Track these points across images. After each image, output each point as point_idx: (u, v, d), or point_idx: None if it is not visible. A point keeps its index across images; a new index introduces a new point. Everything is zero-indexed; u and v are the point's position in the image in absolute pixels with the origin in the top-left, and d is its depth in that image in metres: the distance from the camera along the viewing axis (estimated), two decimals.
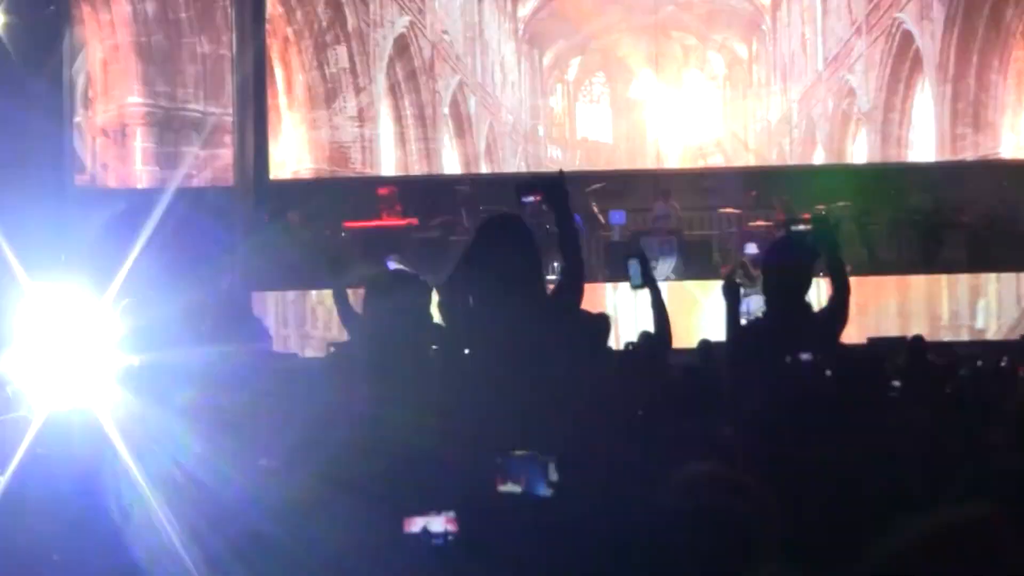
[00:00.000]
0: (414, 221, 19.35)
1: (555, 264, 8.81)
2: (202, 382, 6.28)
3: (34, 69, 18.87)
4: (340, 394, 5.48)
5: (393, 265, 17.84)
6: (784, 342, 5.97)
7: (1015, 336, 17.68)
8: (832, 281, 6.39)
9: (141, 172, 20.19)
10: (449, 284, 5.25)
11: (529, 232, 5.12)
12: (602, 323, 6.54)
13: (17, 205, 18.32)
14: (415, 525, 4.26)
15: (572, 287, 5.23)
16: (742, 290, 6.72)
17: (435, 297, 5.37)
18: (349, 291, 6.79)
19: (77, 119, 19.86)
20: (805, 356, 5.92)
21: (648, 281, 6.32)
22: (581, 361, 5.34)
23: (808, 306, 6.36)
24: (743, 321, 6.56)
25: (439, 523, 4.20)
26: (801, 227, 6.49)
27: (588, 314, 5.70)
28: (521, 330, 5.02)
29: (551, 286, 5.36)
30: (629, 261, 6.35)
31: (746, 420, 5.66)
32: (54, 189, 19.08)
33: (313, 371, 8.86)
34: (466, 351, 5.23)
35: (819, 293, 7.27)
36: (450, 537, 4.20)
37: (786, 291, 6.30)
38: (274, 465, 5.15)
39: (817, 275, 6.74)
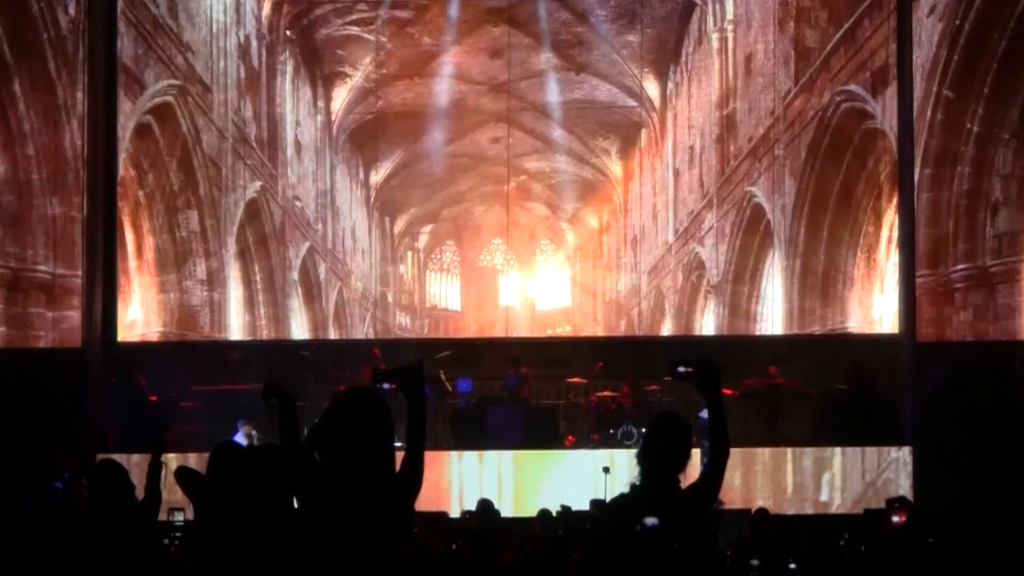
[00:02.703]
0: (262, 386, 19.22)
1: None
2: None
3: None
4: None
5: (243, 431, 17.67)
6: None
7: (859, 510, 17.75)
8: (712, 435, 6.12)
9: None
10: (302, 446, 5.43)
11: (383, 404, 5.28)
12: None
13: None
14: None
15: (413, 474, 5.36)
16: None
17: None
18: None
19: None
20: (651, 522, 5.88)
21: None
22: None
23: (677, 484, 6.18)
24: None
25: None
26: (682, 369, 6.09)
27: None
28: (363, 501, 5.19)
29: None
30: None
31: None
32: None
33: None
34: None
35: None
36: None
37: (662, 468, 6.14)
38: None
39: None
